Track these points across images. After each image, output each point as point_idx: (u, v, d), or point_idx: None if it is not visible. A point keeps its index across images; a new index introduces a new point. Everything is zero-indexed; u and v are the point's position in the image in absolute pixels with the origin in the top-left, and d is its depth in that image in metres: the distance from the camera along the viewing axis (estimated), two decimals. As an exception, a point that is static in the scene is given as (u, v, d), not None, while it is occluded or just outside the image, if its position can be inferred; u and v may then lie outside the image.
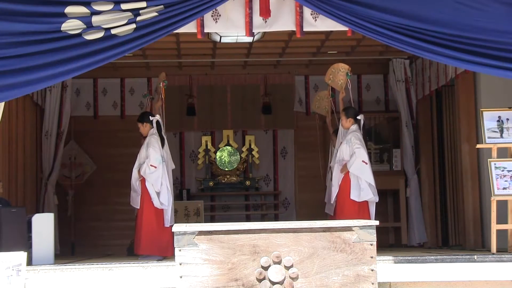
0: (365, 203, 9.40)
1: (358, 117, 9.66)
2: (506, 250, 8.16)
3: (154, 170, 9.17)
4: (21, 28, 7.12)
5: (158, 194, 9.17)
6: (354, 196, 9.35)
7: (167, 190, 9.24)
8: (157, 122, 9.48)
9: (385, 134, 13.35)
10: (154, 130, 9.45)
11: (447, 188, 11.90)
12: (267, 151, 14.22)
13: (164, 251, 9.07)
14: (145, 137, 9.53)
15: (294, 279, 5.44)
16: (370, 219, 9.20)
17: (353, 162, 9.33)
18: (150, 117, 9.51)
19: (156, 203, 9.18)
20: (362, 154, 9.37)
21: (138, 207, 9.30)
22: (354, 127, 9.64)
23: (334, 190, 9.57)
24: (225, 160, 14.22)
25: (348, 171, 9.38)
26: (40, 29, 7.18)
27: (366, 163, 9.36)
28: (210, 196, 14.04)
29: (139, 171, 9.28)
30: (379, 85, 13.99)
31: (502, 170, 8.08)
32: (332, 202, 9.68)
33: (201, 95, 13.91)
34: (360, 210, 9.33)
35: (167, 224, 9.17)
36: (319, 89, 13.87)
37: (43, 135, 12.49)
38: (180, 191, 13.56)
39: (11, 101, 9.18)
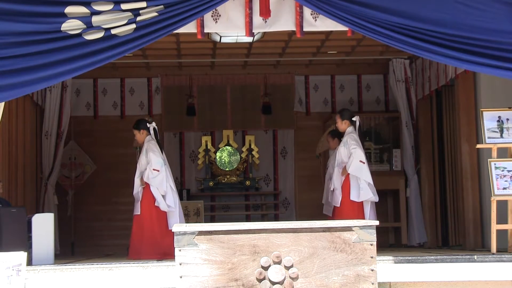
0: (362, 203, 9.41)
1: (354, 119, 9.67)
2: (506, 250, 8.15)
3: (157, 173, 9.15)
4: (21, 28, 7.11)
5: (164, 197, 9.15)
6: (354, 196, 9.35)
7: (172, 192, 9.22)
8: (154, 129, 9.46)
9: (385, 134, 13.34)
10: (150, 137, 9.43)
11: (447, 188, 11.89)
12: (267, 151, 14.20)
13: (166, 255, 8.94)
14: (141, 145, 9.50)
15: (294, 279, 5.43)
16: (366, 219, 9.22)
17: (351, 162, 9.35)
18: (147, 124, 9.48)
19: (163, 206, 9.13)
20: (359, 154, 9.38)
21: (139, 213, 9.26)
22: (350, 129, 9.65)
23: (338, 193, 9.56)
24: (225, 160, 14.21)
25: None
26: (40, 29, 7.17)
27: (364, 163, 9.38)
28: (210, 196, 14.02)
29: (141, 179, 9.27)
30: (379, 85, 13.99)
31: (502, 170, 8.07)
32: (338, 205, 9.63)
33: (201, 95, 13.90)
34: (359, 210, 9.33)
35: (171, 227, 9.05)
36: (319, 89, 13.93)
37: (43, 135, 12.48)
38: (180, 191, 13.55)
39: (11, 101, 9.17)
